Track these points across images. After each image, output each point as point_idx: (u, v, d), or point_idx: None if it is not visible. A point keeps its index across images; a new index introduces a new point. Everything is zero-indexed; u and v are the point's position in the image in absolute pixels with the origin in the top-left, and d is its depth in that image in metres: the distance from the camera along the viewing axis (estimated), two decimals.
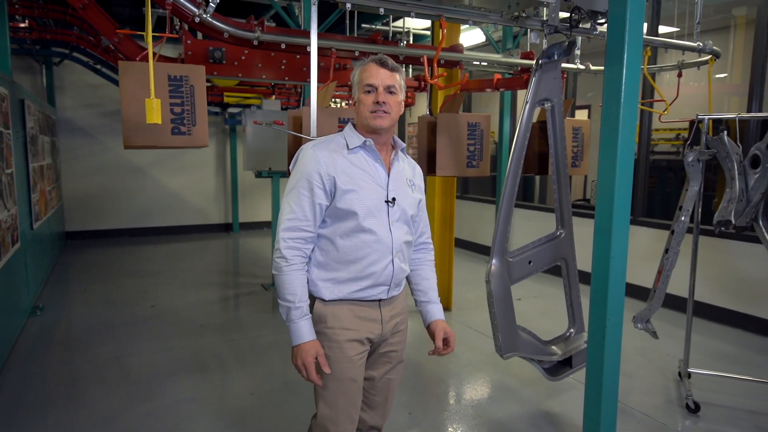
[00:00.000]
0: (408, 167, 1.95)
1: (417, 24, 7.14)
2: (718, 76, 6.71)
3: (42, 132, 6.10)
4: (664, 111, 3.96)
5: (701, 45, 3.89)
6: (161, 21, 4.59)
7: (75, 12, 5.64)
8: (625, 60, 2.26)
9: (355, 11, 5.69)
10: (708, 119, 3.36)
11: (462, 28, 5.43)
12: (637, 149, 5.53)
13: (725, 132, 3.26)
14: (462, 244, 8.31)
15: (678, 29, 5.08)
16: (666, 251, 3.41)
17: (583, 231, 3.87)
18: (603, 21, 3.02)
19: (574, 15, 2.93)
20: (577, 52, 4.05)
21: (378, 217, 1.78)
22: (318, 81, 2.72)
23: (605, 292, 2.41)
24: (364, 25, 7.43)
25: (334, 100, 7.44)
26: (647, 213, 5.79)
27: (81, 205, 8.74)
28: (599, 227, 2.44)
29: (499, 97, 6.09)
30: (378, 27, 7.45)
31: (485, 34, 5.81)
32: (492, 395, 3.51)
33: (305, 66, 3.37)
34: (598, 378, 2.49)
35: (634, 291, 5.21)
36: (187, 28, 2.96)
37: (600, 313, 2.45)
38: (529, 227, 6.83)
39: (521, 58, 4.01)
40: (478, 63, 4.01)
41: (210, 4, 2.63)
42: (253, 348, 4.22)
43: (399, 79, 1.80)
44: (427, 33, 7.64)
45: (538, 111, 3.08)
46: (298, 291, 1.74)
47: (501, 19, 3.03)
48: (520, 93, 6.49)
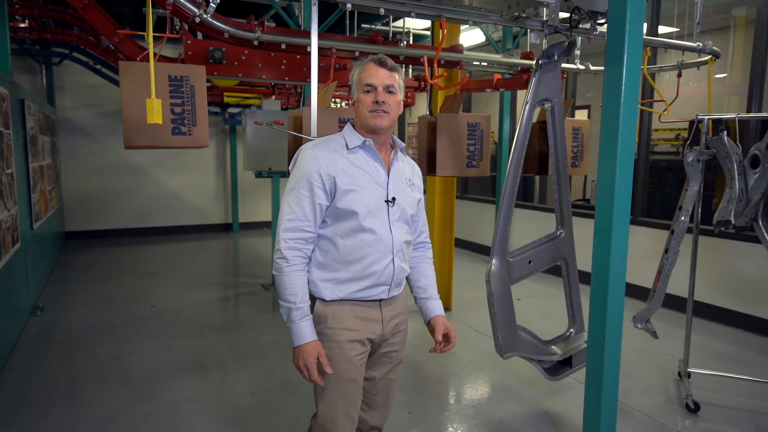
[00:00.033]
0: (407, 167, 1.95)
1: (417, 24, 7.14)
2: (717, 76, 6.72)
3: (42, 132, 6.10)
4: (663, 111, 3.96)
5: (701, 45, 3.90)
6: (161, 21, 4.60)
7: (75, 12, 5.64)
8: (625, 60, 2.26)
9: (355, 11, 5.69)
10: (708, 119, 3.37)
11: (462, 28, 5.43)
12: (637, 149, 5.53)
13: (725, 132, 3.26)
14: (462, 244, 8.31)
15: (678, 29, 5.08)
16: (666, 251, 3.42)
17: (583, 231, 3.88)
18: (603, 21, 3.03)
19: (574, 15, 2.93)
20: (577, 52, 4.05)
21: (378, 217, 1.79)
22: (318, 81, 2.73)
23: (605, 292, 2.41)
24: (364, 25, 7.43)
25: (334, 100, 7.45)
26: (647, 213, 5.80)
27: (81, 205, 8.74)
28: (599, 227, 2.44)
29: (499, 98, 6.09)
30: (378, 27, 7.44)
31: (485, 34, 5.81)
32: (492, 395, 3.52)
33: (305, 66, 3.37)
34: (598, 378, 2.50)
35: (634, 291, 5.21)
36: (187, 28, 2.96)
37: (600, 313, 2.45)
38: (529, 227, 6.84)
39: (521, 58, 4.01)
40: (478, 63, 4.01)
41: (210, 4, 2.63)
42: (253, 348, 4.23)
43: (398, 79, 1.80)
44: (427, 33, 7.63)
45: (538, 111, 3.09)
46: (299, 292, 1.74)
47: (501, 20, 3.03)
48: (520, 93, 6.50)
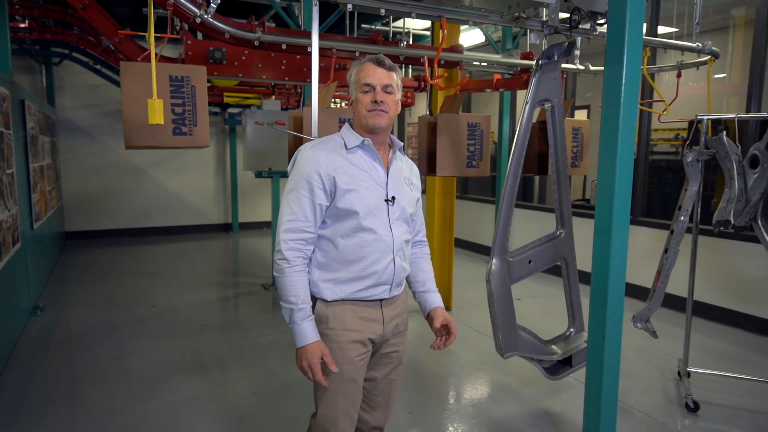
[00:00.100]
0: (406, 166, 1.96)
1: (417, 24, 7.14)
2: (717, 76, 6.73)
3: (42, 132, 6.10)
4: (663, 111, 3.97)
5: (700, 45, 3.90)
6: (161, 21, 4.60)
7: (75, 12, 5.65)
8: (625, 60, 2.27)
9: (356, 12, 5.69)
10: (707, 119, 3.37)
11: (461, 28, 5.44)
12: (637, 149, 5.54)
13: (724, 132, 3.27)
14: (462, 244, 8.32)
15: (677, 30, 5.09)
16: (665, 251, 3.42)
17: (583, 231, 3.88)
18: (603, 21, 3.03)
19: (573, 16, 2.93)
20: (577, 52, 4.05)
21: (378, 216, 1.79)
22: (318, 81, 2.73)
23: (605, 291, 2.42)
24: (363, 26, 7.43)
25: (334, 100, 7.45)
26: (646, 213, 5.80)
27: (81, 205, 8.75)
28: (599, 227, 2.44)
29: (499, 98, 6.10)
30: (378, 27, 7.44)
31: (485, 34, 5.81)
32: (492, 394, 3.52)
33: (305, 66, 3.38)
34: (598, 377, 2.50)
35: (633, 291, 5.22)
36: (188, 28, 2.96)
37: (600, 313, 2.46)
38: (529, 227, 6.84)
39: (521, 58, 4.02)
40: (478, 63, 4.01)
41: (211, 4, 2.63)
42: (253, 348, 4.23)
43: (396, 79, 1.81)
44: (427, 33, 7.63)
45: (537, 111, 3.09)
46: (300, 292, 1.74)
47: (501, 20, 3.04)
48: (519, 93, 6.50)
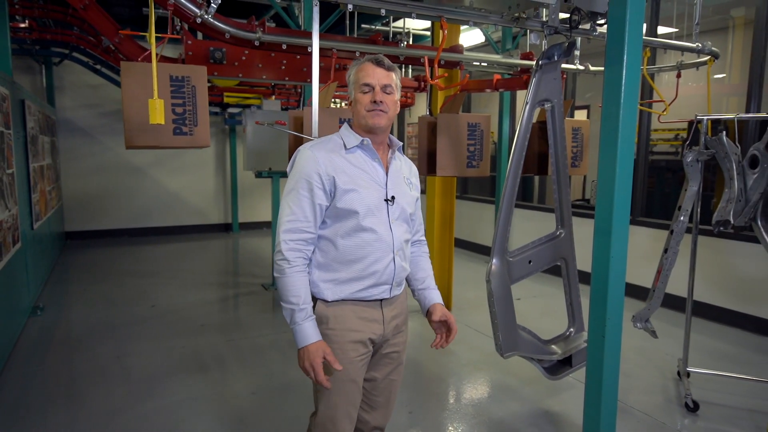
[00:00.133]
0: (405, 166, 1.96)
1: (417, 24, 7.14)
2: (716, 76, 6.73)
3: (42, 132, 6.10)
4: (663, 111, 3.97)
5: (700, 46, 3.90)
6: (161, 21, 4.60)
7: (75, 12, 5.64)
8: (625, 61, 2.27)
9: (356, 12, 5.69)
10: (707, 119, 3.38)
11: (461, 28, 5.44)
12: (636, 149, 5.54)
13: (724, 132, 3.27)
14: (462, 244, 8.32)
15: (677, 30, 5.09)
16: (665, 251, 3.42)
17: (583, 231, 3.88)
18: (603, 22, 3.03)
19: (573, 16, 2.94)
20: (577, 52, 4.06)
21: (378, 216, 1.79)
22: (319, 81, 2.73)
23: (605, 291, 2.42)
24: (363, 26, 7.43)
25: (334, 100, 7.45)
26: (646, 213, 5.81)
27: (81, 205, 8.75)
28: (599, 227, 2.45)
29: (499, 98, 6.10)
30: (378, 27, 7.45)
31: (485, 34, 5.82)
32: (492, 394, 3.53)
33: (305, 66, 3.38)
34: (597, 377, 2.50)
35: (633, 291, 5.22)
36: (188, 28, 2.96)
37: (600, 313, 2.46)
38: (529, 227, 6.84)
39: (521, 58, 4.02)
40: (478, 63, 4.02)
41: (211, 4, 2.63)
42: (253, 348, 4.23)
43: (395, 79, 1.81)
44: (427, 33, 7.64)
45: (537, 111, 3.09)
46: (301, 293, 1.74)
47: (501, 20, 3.04)
48: (519, 93, 6.50)
